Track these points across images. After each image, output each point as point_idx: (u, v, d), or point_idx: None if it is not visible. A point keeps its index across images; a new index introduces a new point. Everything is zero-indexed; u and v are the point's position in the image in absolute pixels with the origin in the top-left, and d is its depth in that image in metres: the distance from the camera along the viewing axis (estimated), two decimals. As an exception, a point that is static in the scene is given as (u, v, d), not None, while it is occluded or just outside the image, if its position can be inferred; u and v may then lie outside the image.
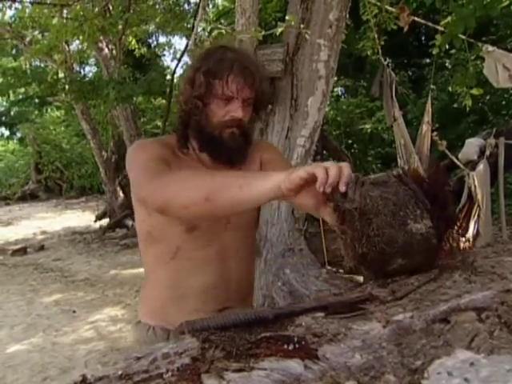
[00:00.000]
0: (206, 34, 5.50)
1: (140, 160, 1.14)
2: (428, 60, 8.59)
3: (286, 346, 0.57)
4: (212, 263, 1.23)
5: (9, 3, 6.41)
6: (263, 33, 3.08)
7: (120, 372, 0.53)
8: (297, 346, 0.57)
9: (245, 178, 0.94)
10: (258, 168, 1.29)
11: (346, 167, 0.82)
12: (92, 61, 13.17)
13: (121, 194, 9.39)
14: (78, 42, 7.67)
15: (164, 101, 11.46)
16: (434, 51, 3.86)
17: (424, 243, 0.80)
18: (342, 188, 0.80)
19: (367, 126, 9.04)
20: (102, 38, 7.80)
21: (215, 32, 3.52)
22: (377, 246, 0.78)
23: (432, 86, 6.19)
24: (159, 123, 11.91)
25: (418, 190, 0.81)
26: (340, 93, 11.96)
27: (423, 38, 10.24)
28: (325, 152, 6.85)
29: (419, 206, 0.80)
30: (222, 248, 1.23)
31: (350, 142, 9.82)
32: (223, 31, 3.43)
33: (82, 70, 12.34)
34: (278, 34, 3.05)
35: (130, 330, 3.99)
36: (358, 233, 0.79)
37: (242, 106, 1.16)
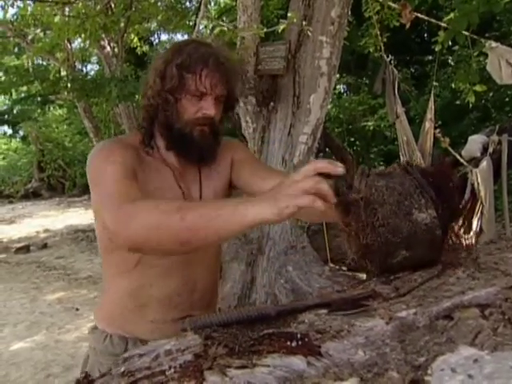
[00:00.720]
0: (208, 31, 5.49)
1: (103, 173, 1.01)
2: (430, 57, 8.56)
3: (288, 343, 0.57)
4: (176, 271, 1.17)
5: (11, 1, 6.41)
6: (265, 30, 3.08)
7: (122, 369, 0.53)
8: (300, 342, 0.57)
9: (220, 217, 0.81)
10: (228, 168, 1.24)
11: (319, 182, 0.77)
12: (94, 59, 13.18)
13: (123, 192, 9.42)
14: (80, 40, 7.67)
15: (166, 99, 11.45)
16: (437, 48, 3.86)
17: (428, 234, 0.79)
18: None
19: (369, 124, 9.03)
20: (103, 35, 7.79)
21: (217, 29, 3.51)
22: (381, 236, 0.78)
23: (435, 83, 6.17)
24: (161, 121, 11.91)
25: (423, 180, 0.81)
26: (342, 90, 11.94)
27: (426, 35, 10.20)
28: (327, 149, 6.84)
29: (424, 195, 0.80)
30: (186, 256, 1.13)
31: (352, 139, 9.80)
32: (225, 28, 3.42)
33: (84, 68, 12.37)
34: (279, 31, 3.05)
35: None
36: (363, 223, 0.78)
37: (215, 104, 1.10)
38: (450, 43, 4.18)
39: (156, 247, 0.90)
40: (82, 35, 6.02)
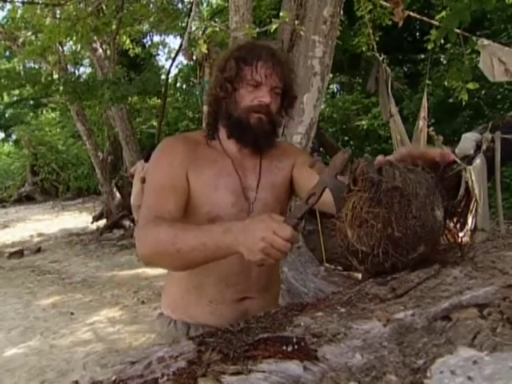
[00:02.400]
0: (200, 32, 5.48)
1: (152, 178, 1.21)
2: (423, 55, 8.59)
3: (284, 347, 0.55)
4: None
5: (0, 4, 6.36)
6: (257, 30, 3.07)
7: (114, 377, 0.52)
8: (296, 346, 0.56)
9: (207, 249, 0.99)
10: (290, 167, 1.31)
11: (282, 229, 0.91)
12: (86, 61, 13.12)
13: (117, 195, 9.37)
14: (71, 42, 7.63)
15: (159, 100, 11.44)
16: (429, 46, 3.86)
17: (439, 231, 0.82)
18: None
19: (363, 123, 9.05)
20: (95, 38, 7.76)
21: (209, 30, 3.50)
22: (412, 229, 0.77)
23: (427, 82, 6.19)
24: (155, 123, 11.88)
25: (439, 180, 0.84)
26: (336, 89, 11.97)
27: (418, 34, 10.24)
28: (321, 149, 6.85)
29: (441, 193, 0.83)
30: None
31: (346, 138, 9.83)
32: (217, 29, 3.41)
33: (76, 71, 12.30)
34: (272, 30, 3.05)
35: (128, 332, 3.98)
36: (396, 215, 0.77)
37: (270, 93, 1.19)
38: (443, 41, 4.19)
39: (163, 267, 1.17)
40: (74, 38, 5.99)
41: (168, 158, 1.21)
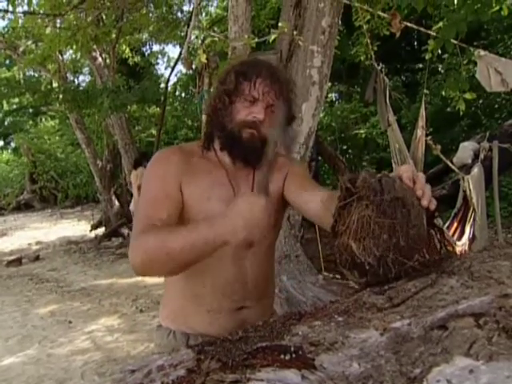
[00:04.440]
0: (200, 41, 5.52)
1: (147, 187, 1.22)
2: (421, 65, 8.66)
3: (282, 356, 0.56)
4: (227, 260, 1.24)
5: (1, 14, 6.41)
6: (256, 40, 3.09)
7: (114, 386, 0.52)
8: (293, 355, 0.56)
9: (195, 247, 1.01)
10: (282, 178, 1.31)
11: None
12: (86, 70, 13.21)
13: (116, 203, 9.37)
14: (71, 51, 7.68)
15: (158, 109, 11.49)
16: (427, 56, 3.89)
17: (426, 242, 0.84)
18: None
19: (362, 131, 9.09)
20: (95, 47, 7.81)
21: (208, 39, 3.52)
22: (412, 238, 0.79)
23: (425, 91, 6.22)
24: (154, 131, 11.92)
25: None
26: (334, 98, 12.04)
27: (416, 44, 10.32)
28: (320, 158, 6.87)
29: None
30: (236, 248, 1.22)
31: (344, 147, 9.87)
32: (216, 39, 3.43)
33: (75, 80, 12.37)
34: (271, 40, 3.06)
35: (127, 340, 3.96)
36: (400, 224, 0.79)
37: (265, 111, 1.21)
38: (440, 51, 4.22)
39: (156, 274, 1.15)
40: (74, 46, 6.03)
41: (161, 170, 1.22)
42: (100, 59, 8.46)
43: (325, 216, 0.98)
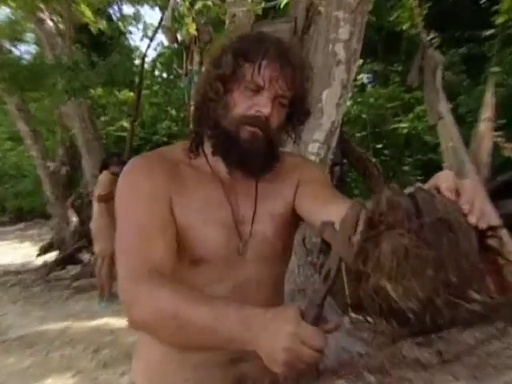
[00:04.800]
0: (187, 3, 5.54)
1: (128, 211, 1.19)
2: (490, 32, 8.53)
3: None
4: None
5: None
6: (263, 5, 3.12)
7: None
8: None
9: (216, 339, 0.99)
10: (293, 189, 1.32)
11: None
12: (30, 36, 13.14)
13: (73, 219, 9.34)
14: (8, 9, 7.63)
15: (132, 93, 11.52)
16: (499, 19, 3.85)
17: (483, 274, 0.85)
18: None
19: (403, 126, 9.08)
20: (42, 5, 7.76)
21: (200, 3, 3.56)
22: (463, 269, 0.80)
23: (495, 68, 6.12)
24: (126, 124, 11.94)
25: None
26: (366, 81, 12.05)
27: (483, 3, 10.27)
28: (346, 161, 6.86)
29: None
30: (238, 283, 1.25)
31: (379, 146, 9.84)
32: (210, 3, 3.47)
33: (15, 50, 12.36)
34: (282, 5, 3.09)
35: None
36: (447, 253, 0.79)
37: (273, 103, 1.19)
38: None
39: (159, 340, 1.12)
40: (11, 3, 5.96)
41: (147, 185, 1.20)
42: (50, 23, 8.41)
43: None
